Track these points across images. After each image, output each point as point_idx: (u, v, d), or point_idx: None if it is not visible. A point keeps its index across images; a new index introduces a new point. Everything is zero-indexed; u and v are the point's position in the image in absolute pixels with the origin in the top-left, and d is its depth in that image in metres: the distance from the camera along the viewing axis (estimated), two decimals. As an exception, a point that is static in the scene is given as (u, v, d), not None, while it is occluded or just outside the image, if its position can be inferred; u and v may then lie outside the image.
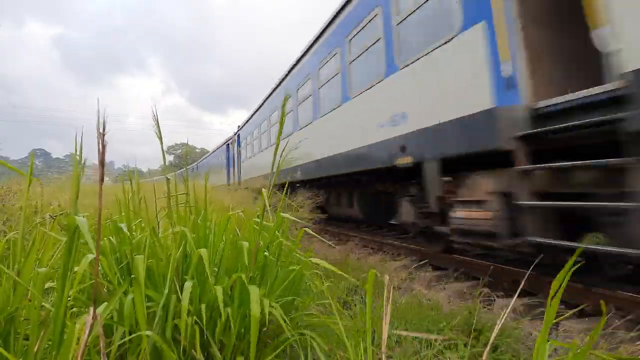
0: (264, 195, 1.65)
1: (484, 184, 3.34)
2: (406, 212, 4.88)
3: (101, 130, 0.86)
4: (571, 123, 2.61)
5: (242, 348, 1.49)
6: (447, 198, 3.73)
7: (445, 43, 3.70)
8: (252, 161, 13.04)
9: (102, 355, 0.80)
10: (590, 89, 2.62)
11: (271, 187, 1.69)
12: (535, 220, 2.86)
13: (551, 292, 0.83)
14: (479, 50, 3.29)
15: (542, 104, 2.96)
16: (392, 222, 7.40)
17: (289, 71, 9.24)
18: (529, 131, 2.93)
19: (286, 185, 2.22)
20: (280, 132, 1.55)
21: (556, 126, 2.73)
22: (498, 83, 3.13)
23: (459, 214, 3.56)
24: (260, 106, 12.40)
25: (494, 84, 3.15)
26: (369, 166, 5.22)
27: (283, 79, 9.78)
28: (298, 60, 8.57)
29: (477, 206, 3.39)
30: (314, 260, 1.70)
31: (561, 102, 2.80)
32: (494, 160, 3.20)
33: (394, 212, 6.42)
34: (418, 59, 4.15)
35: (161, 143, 1.60)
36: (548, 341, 0.85)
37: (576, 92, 2.72)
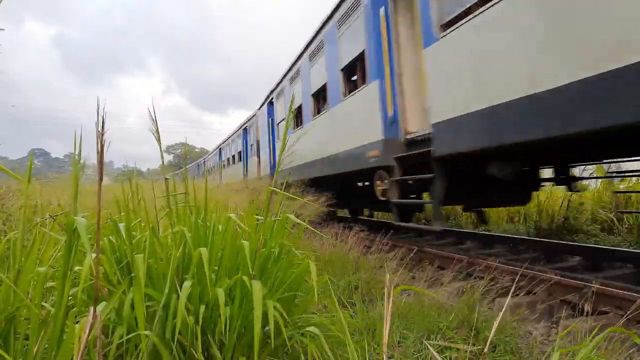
0: (267, 194, 1.65)
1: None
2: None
3: (100, 130, 0.86)
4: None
5: (243, 348, 1.49)
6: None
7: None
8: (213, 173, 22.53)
9: (98, 355, 0.80)
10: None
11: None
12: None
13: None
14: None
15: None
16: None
17: (218, 146, 20.65)
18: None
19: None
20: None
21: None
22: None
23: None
24: (213, 150, 23.10)
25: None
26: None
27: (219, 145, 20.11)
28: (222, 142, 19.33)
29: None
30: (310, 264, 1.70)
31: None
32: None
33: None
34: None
35: (159, 143, 1.59)
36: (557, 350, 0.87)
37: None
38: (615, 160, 4.34)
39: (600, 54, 2.15)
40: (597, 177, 6.26)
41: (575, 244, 4.80)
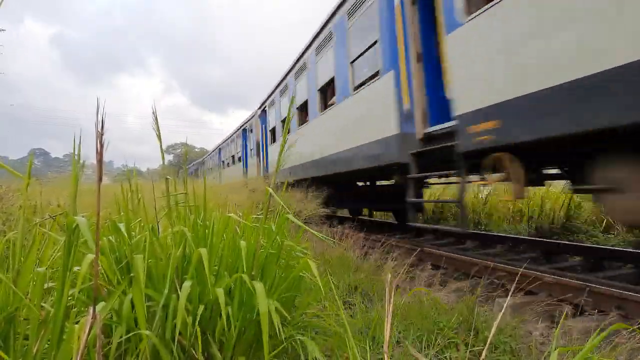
0: (267, 194, 1.65)
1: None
2: None
3: (100, 129, 0.86)
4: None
5: (243, 347, 1.49)
6: None
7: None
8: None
9: (98, 355, 0.80)
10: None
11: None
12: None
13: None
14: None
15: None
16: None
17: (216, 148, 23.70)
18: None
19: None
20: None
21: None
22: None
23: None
24: (212, 151, 26.69)
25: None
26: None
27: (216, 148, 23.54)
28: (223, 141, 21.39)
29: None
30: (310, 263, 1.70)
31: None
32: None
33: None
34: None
35: (160, 142, 1.59)
36: (556, 349, 0.87)
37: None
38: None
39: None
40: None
41: (573, 243, 4.83)
